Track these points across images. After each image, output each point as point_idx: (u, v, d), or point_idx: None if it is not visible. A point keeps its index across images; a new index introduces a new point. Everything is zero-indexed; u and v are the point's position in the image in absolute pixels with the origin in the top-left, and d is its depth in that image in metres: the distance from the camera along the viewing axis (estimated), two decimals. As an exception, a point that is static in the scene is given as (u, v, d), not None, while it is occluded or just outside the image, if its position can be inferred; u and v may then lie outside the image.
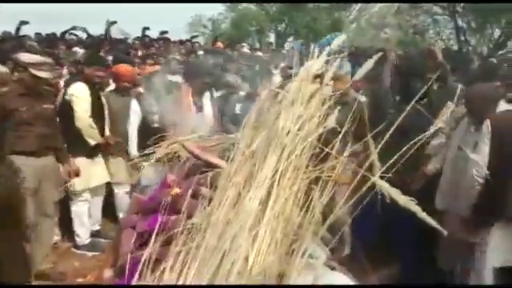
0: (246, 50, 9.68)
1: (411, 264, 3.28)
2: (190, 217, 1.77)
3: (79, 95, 3.82)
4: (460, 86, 3.48)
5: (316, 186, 1.38)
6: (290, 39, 12.35)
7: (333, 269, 1.61)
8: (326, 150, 1.44)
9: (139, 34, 11.00)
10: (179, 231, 1.52)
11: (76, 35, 9.92)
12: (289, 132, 1.42)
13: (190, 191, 1.91)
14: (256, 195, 1.26)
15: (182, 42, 10.71)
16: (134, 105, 4.25)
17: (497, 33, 7.38)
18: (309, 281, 1.19)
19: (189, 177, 2.34)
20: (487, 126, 2.61)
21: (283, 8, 18.17)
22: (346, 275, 1.59)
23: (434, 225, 1.30)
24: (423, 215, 1.30)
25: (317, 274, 1.21)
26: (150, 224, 2.02)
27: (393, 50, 4.90)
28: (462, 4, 7.17)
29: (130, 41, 10.50)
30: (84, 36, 9.94)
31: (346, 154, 1.48)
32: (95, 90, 4.00)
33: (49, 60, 3.55)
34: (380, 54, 1.68)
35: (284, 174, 1.32)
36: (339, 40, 1.85)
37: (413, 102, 1.55)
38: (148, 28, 11.18)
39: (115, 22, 10.19)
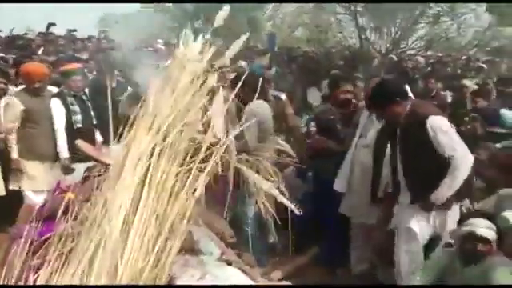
0: (160, 46, 9.40)
1: (336, 243, 3.49)
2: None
3: None
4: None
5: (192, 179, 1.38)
6: (207, 37, 12.26)
7: (229, 264, 1.62)
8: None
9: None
10: (55, 236, 1.44)
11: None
12: (162, 123, 1.39)
13: (82, 195, 1.83)
14: (124, 196, 1.20)
15: (89, 39, 10.10)
16: (57, 104, 3.89)
17: (393, 31, 8.05)
18: (196, 277, 1.18)
19: (86, 180, 2.24)
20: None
21: (200, 6, 18.03)
22: (243, 269, 1.62)
23: (292, 208, 1.46)
24: (283, 199, 1.44)
25: (204, 270, 1.21)
26: (41, 232, 1.91)
27: None
28: (362, 4, 7.73)
29: (31, 36, 9.69)
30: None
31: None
32: None
33: None
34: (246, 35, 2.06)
35: (156, 168, 1.27)
36: (222, 14, 2.01)
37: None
38: (54, 24, 10.39)
39: None
